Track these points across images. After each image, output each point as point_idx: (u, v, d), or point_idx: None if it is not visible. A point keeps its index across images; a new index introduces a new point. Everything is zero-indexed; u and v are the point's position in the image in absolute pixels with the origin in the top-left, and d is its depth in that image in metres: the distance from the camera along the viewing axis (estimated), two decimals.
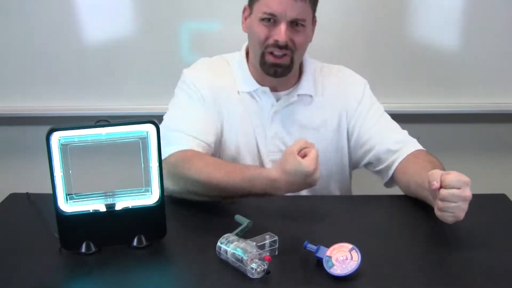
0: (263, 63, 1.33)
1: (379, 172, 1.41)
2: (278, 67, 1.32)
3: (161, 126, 1.27)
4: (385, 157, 1.37)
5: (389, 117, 1.44)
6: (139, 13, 1.88)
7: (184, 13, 1.86)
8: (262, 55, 1.32)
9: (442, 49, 1.89)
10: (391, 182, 1.39)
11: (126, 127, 1.03)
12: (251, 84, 1.39)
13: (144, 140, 1.06)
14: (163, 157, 1.11)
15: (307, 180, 1.11)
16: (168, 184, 1.20)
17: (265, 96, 1.39)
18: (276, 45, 1.29)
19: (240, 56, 1.43)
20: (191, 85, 1.39)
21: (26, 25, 1.85)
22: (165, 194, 1.10)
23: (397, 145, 1.36)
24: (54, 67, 1.90)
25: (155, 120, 1.06)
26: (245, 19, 1.37)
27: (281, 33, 1.28)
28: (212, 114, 1.38)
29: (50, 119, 1.91)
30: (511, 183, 1.71)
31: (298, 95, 1.39)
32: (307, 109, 1.41)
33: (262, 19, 1.29)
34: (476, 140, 2.05)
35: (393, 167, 1.35)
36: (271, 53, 1.31)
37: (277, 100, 1.39)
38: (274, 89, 1.39)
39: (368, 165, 1.43)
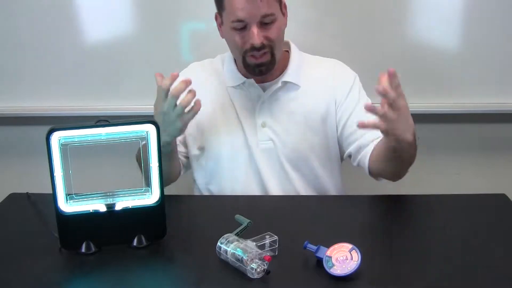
0: (246, 66, 1.37)
1: (359, 165, 1.41)
2: (261, 66, 1.35)
3: None
4: (364, 147, 1.38)
5: None
6: (139, 13, 1.88)
7: (184, 13, 1.86)
8: (244, 59, 1.36)
9: (442, 49, 1.89)
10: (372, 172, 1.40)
11: (126, 127, 1.04)
12: (238, 78, 1.43)
13: (144, 140, 1.06)
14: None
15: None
16: None
17: (253, 87, 1.42)
18: (253, 48, 1.32)
19: (228, 54, 1.46)
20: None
21: (26, 25, 1.85)
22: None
23: (376, 136, 1.35)
24: (54, 67, 1.90)
25: (155, 120, 1.06)
26: (220, 26, 1.41)
27: (254, 36, 1.30)
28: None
29: (50, 119, 1.90)
30: (511, 183, 1.71)
31: (283, 82, 1.41)
32: (294, 96, 1.43)
33: (233, 28, 1.32)
34: (476, 140, 2.05)
35: (369, 154, 1.36)
36: (252, 55, 1.34)
37: (264, 90, 1.43)
38: (261, 81, 1.42)
39: (350, 157, 1.44)
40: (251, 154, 1.43)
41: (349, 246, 0.99)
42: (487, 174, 2.07)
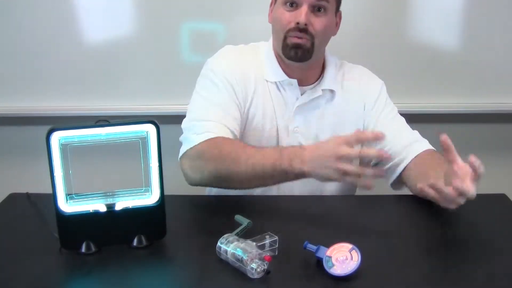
0: (285, 46, 1.34)
1: (386, 172, 1.38)
2: (298, 48, 1.32)
3: (186, 118, 1.33)
4: (394, 156, 1.36)
5: (403, 119, 1.44)
6: (139, 13, 1.88)
7: (184, 13, 1.86)
8: (285, 39, 1.33)
9: (442, 49, 1.89)
10: (398, 182, 1.38)
11: (126, 127, 1.03)
12: (279, 74, 1.40)
13: (144, 140, 1.06)
14: (191, 145, 1.26)
15: (331, 150, 1.10)
16: (195, 173, 1.28)
17: (291, 88, 1.40)
18: (297, 28, 1.31)
19: (268, 46, 1.43)
20: (218, 72, 1.38)
21: (26, 25, 1.85)
22: (192, 183, 1.20)
23: (407, 144, 1.36)
24: (54, 67, 1.90)
25: (155, 120, 1.06)
26: (271, 11, 1.40)
27: (301, 14, 1.29)
28: (239, 101, 1.37)
29: (50, 119, 1.91)
30: (511, 183, 1.71)
31: (323, 90, 1.40)
32: (329, 105, 1.42)
33: (285, 3, 1.32)
34: (476, 140, 2.05)
35: (401, 166, 1.35)
36: (294, 35, 1.32)
37: (302, 93, 1.40)
38: (299, 83, 1.40)
39: (378, 164, 1.41)
40: None
41: (349, 246, 0.99)
42: (487, 174, 2.06)
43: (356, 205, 1.35)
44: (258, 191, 1.42)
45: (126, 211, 1.07)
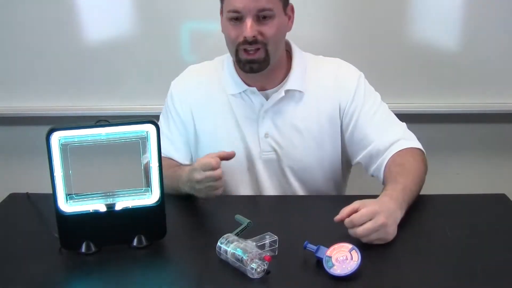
0: (238, 61, 1.32)
1: (373, 175, 1.38)
2: (252, 63, 1.30)
3: None
4: (376, 158, 1.34)
5: (385, 109, 1.39)
6: (139, 13, 1.88)
7: (184, 13, 1.86)
8: (236, 53, 1.31)
9: (442, 49, 1.89)
10: None
11: (126, 127, 1.04)
12: (239, 85, 1.38)
13: (144, 140, 1.06)
14: None
15: (189, 176, 1.21)
16: None
17: (254, 96, 1.37)
18: (246, 42, 1.27)
19: (227, 57, 1.41)
20: (169, 101, 1.45)
21: (26, 24, 1.86)
22: None
23: (388, 145, 1.33)
24: (54, 67, 1.90)
25: (155, 120, 1.06)
26: (221, 19, 1.36)
27: (247, 28, 1.26)
28: (184, 126, 1.43)
29: (50, 119, 1.91)
30: (511, 183, 1.71)
31: (286, 91, 1.36)
32: (298, 106, 1.38)
33: (230, 19, 1.29)
34: (476, 140, 2.05)
35: (382, 169, 1.32)
36: (244, 50, 1.29)
37: (267, 98, 1.38)
38: (262, 88, 1.37)
39: (362, 164, 1.40)
40: (252, 164, 1.40)
41: (349, 246, 0.99)
42: (487, 174, 2.07)
43: None
44: (257, 191, 1.42)
45: (126, 211, 1.07)
